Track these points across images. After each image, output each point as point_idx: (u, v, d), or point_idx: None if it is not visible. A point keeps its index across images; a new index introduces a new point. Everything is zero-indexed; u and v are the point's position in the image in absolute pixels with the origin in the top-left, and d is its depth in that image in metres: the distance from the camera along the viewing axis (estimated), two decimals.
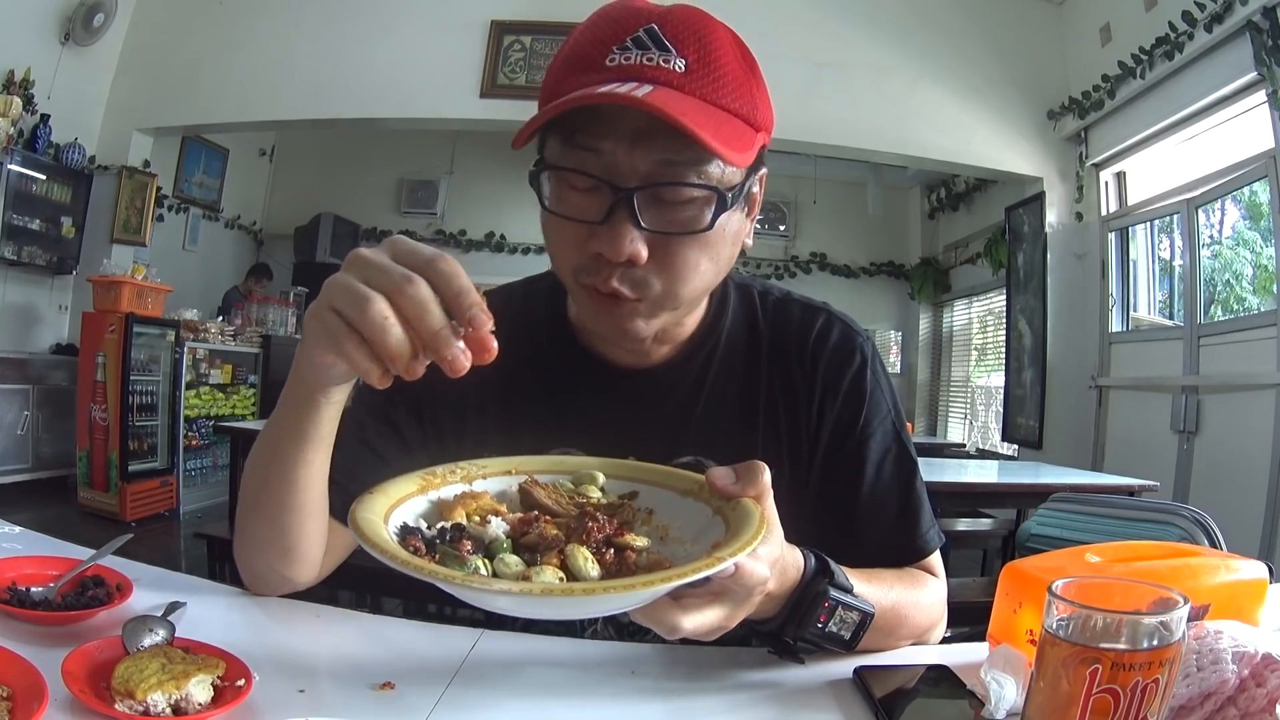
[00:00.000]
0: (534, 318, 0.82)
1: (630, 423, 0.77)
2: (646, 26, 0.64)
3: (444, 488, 0.60)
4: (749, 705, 0.64)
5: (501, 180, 7.33)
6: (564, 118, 0.63)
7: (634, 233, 0.64)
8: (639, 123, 0.62)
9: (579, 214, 0.66)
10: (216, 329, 5.26)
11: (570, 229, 0.67)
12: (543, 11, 4.92)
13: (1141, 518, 1.60)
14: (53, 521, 3.91)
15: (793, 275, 7.29)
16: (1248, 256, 4.15)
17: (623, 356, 0.79)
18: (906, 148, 4.98)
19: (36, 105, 4.68)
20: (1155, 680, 0.46)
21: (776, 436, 0.80)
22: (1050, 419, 4.90)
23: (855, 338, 0.82)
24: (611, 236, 0.64)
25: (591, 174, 0.64)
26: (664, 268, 0.66)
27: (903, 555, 0.81)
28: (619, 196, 0.63)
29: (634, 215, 0.64)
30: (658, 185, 0.64)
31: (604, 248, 0.64)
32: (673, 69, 0.63)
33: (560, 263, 0.70)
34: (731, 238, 0.70)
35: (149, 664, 0.55)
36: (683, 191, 0.64)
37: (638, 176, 0.64)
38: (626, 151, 0.63)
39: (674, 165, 0.63)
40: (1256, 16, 3.41)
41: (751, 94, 0.68)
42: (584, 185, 0.66)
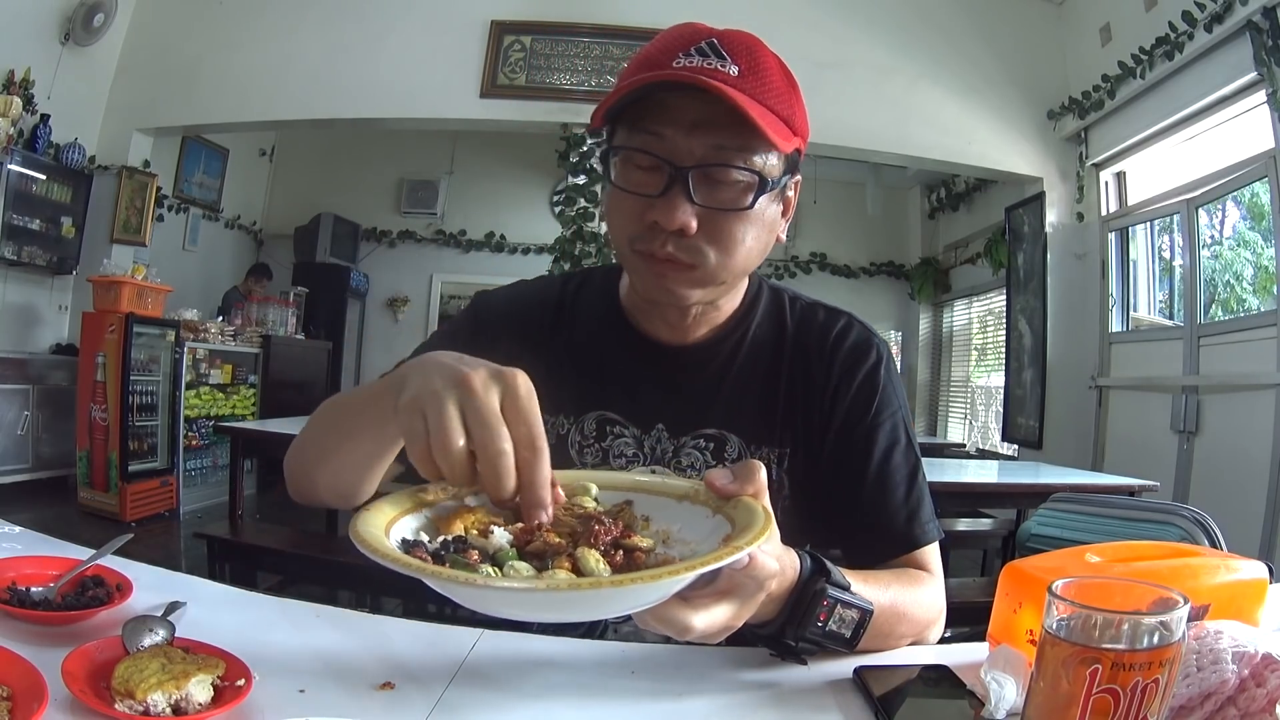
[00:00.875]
0: (592, 301, 0.93)
1: (664, 392, 0.87)
2: (708, 40, 0.76)
3: (438, 504, 0.61)
4: (749, 705, 0.64)
5: (501, 180, 7.34)
6: (632, 108, 0.75)
7: (687, 205, 0.74)
8: (697, 113, 0.73)
9: (640, 188, 0.76)
10: (216, 329, 5.26)
11: (631, 202, 0.77)
12: (543, 12, 4.92)
13: (1141, 518, 1.60)
14: (53, 521, 3.91)
15: (793, 275, 7.29)
16: (1248, 257, 4.15)
17: (663, 333, 0.88)
18: (906, 148, 4.99)
19: (36, 105, 4.68)
20: (1155, 680, 0.46)
21: (793, 419, 0.87)
22: (1050, 419, 4.90)
23: (872, 338, 0.91)
24: (668, 207, 0.74)
25: (654, 153, 0.75)
26: (712, 239, 0.76)
27: (903, 542, 0.85)
28: (676, 174, 0.74)
29: (688, 191, 0.74)
30: (710, 166, 0.74)
31: (660, 216, 0.74)
32: (728, 72, 0.74)
33: (619, 233, 0.80)
34: (768, 225, 0.80)
35: (149, 664, 0.55)
36: (730, 173, 0.75)
37: (693, 158, 0.74)
38: (685, 137, 0.74)
39: (724, 150, 0.74)
40: (1256, 16, 3.41)
41: (791, 103, 0.78)
42: (646, 164, 0.76)
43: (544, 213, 7.27)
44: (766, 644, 0.70)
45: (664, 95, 0.74)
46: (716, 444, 0.87)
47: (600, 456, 0.88)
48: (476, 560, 0.53)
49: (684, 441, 0.87)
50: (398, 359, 0.74)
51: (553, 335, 0.90)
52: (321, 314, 6.74)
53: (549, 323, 0.91)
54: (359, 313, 7.43)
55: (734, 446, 0.87)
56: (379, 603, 2.67)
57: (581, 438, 0.88)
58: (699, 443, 0.87)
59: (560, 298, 0.93)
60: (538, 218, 7.24)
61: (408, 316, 7.57)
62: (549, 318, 0.91)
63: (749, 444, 0.87)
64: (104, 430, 4.40)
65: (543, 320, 0.91)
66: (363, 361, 7.44)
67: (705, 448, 0.87)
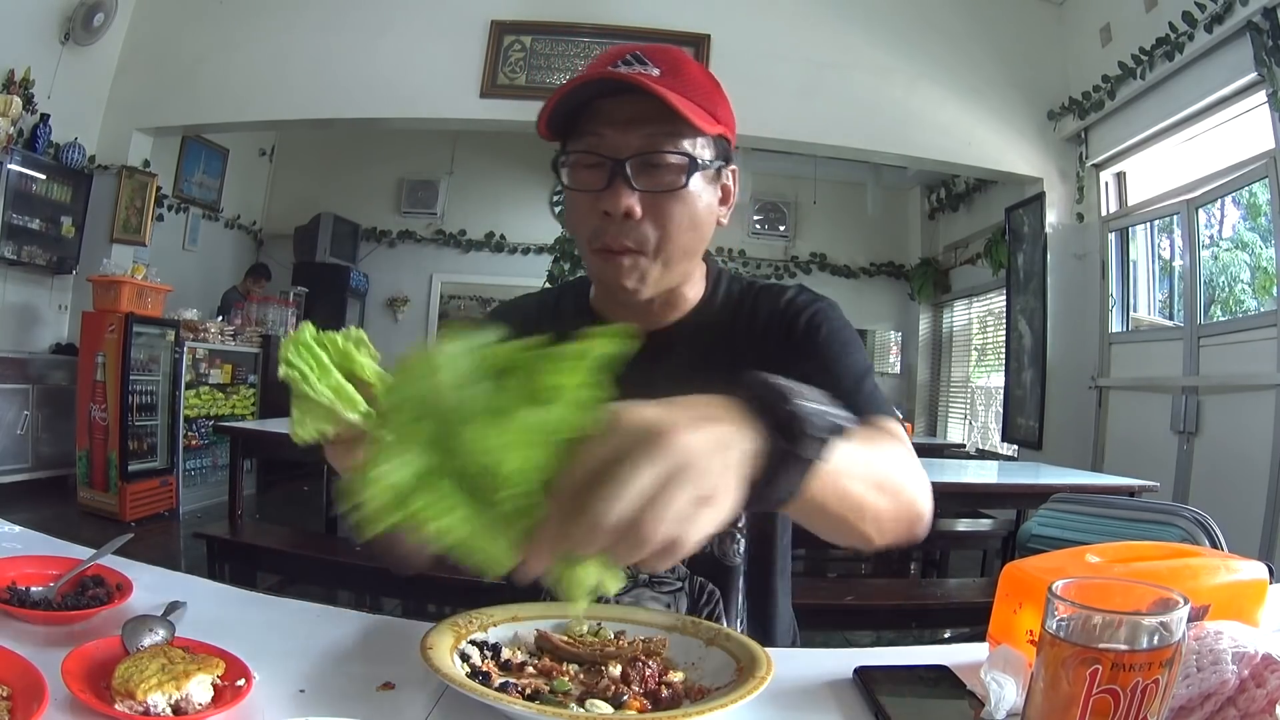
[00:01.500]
0: (569, 308, 1.02)
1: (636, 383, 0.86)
2: (634, 53, 0.86)
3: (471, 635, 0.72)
4: (749, 705, 0.64)
5: (501, 180, 7.33)
6: (573, 118, 0.85)
7: (629, 191, 0.82)
8: (629, 112, 0.82)
9: (588, 186, 0.85)
10: (216, 329, 5.26)
11: (583, 199, 0.86)
12: (543, 12, 4.92)
13: (1142, 518, 1.60)
14: (52, 521, 3.91)
15: (792, 275, 7.28)
16: (1247, 258, 4.16)
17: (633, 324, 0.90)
18: (906, 148, 4.98)
19: (36, 105, 4.68)
20: (1155, 681, 0.46)
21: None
22: (1050, 419, 4.89)
23: (820, 298, 0.96)
24: (612, 196, 0.82)
25: (596, 152, 0.84)
26: (656, 221, 0.84)
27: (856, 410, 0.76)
28: (616, 166, 0.82)
29: (628, 179, 0.82)
30: (644, 154, 0.83)
31: (607, 205, 0.82)
32: (648, 73, 0.83)
33: (580, 233, 0.88)
34: (705, 209, 0.88)
35: (149, 664, 0.55)
36: (664, 158, 0.83)
37: (629, 150, 0.82)
38: (621, 133, 0.82)
39: (656, 138, 0.82)
40: (1257, 17, 3.41)
41: (713, 97, 0.87)
42: (591, 163, 0.85)
43: (544, 213, 7.28)
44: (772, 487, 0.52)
45: (599, 101, 0.83)
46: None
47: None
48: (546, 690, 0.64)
49: None
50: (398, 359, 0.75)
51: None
52: (321, 314, 6.74)
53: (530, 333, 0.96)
54: (359, 313, 7.43)
55: None
56: (379, 603, 2.67)
57: None
58: None
59: (539, 313, 1.02)
60: (538, 218, 7.24)
61: (408, 316, 7.57)
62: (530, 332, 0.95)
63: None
64: (104, 430, 4.40)
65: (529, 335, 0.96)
66: None
67: None
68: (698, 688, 0.66)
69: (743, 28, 4.77)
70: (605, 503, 0.43)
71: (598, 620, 0.77)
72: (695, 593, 0.91)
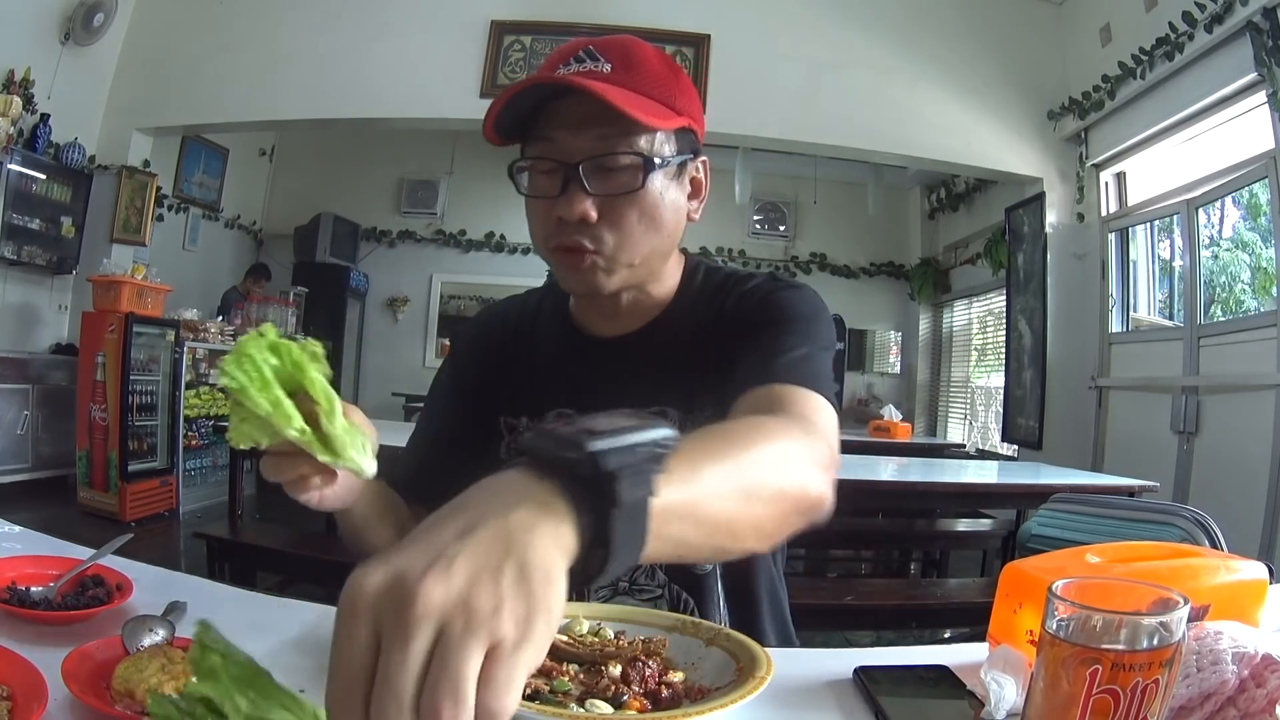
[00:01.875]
0: (549, 310, 1.00)
1: (608, 383, 0.91)
2: (586, 48, 0.82)
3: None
4: (749, 705, 0.63)
5: (501, 180, 7.09)
6: (527, 122, 0.82)
7: (583, 196, 0.80)
8: (579, 113, 0.78)
9: (544, 192, 0.83)
10: (216, 329, 5.25)
11: (540, 205, 0.84)
12: (542, 11, 4.92)
13: (1142, 518, 1.60)
14: (52, 521, 3.90)
15: (792, 275, 7.27)
16: (1247, 258, 4.16)
17: (606, 328, 0.94)
18: (906, 148, 4.98)
19: (36, 105, 4.68)
20: (1155, 681, 0.46)
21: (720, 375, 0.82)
22: (1050, 419, 4.89)
23: (789, 285, 0.91)
24: (566, 201, 0.80)
25: (549, 157, 0.81)
26: (612, 224, 0.81)
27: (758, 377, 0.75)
28: (570, 171, 0.80)
29: (582, 183, 0.80)
30: (596, 157, 0.79)
31: (562, 211, 0.80)
32: (599, 70, 0.80)
33: (537, 237, 0.86)
34: (670, 207, 0.84)
35: (149, 664, 0.55)
36: (617, 159, 0.80)
37: (581, 153, 0.79)
38: (572, 136, 0.80)
39: (608, 139, 0.79)
40: (1257, 17, 3.41)
41: (671, 87, 0.83)
42: (546, 168, 0.82)
43: None
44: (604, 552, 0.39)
45: (553, 103, 0.80)
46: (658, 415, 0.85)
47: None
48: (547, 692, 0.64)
49: None
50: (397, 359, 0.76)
51: (514, 350, 0.99)
52: (321, 314, 6.74)
53: (509, 339, 1.00)
54: (359, 313, 7.43)
55: (673, 418, 0.83)
56: None
57: None
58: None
59: (520, 315, 1.02)
60: None
61: (407, 316, 7.57)
62: (509, 335, 1.00)
63: (685, 413, 0.86)
64: (104, 430, 4.39)
65: (504, 339, 1.00)
66: (362, 362, 7.44)
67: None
68: (698, 688, 0.66)
69: (743, 28, 4.77)
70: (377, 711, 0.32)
71: (598, 620, 0.77)
72: (674, 600, 0.91)
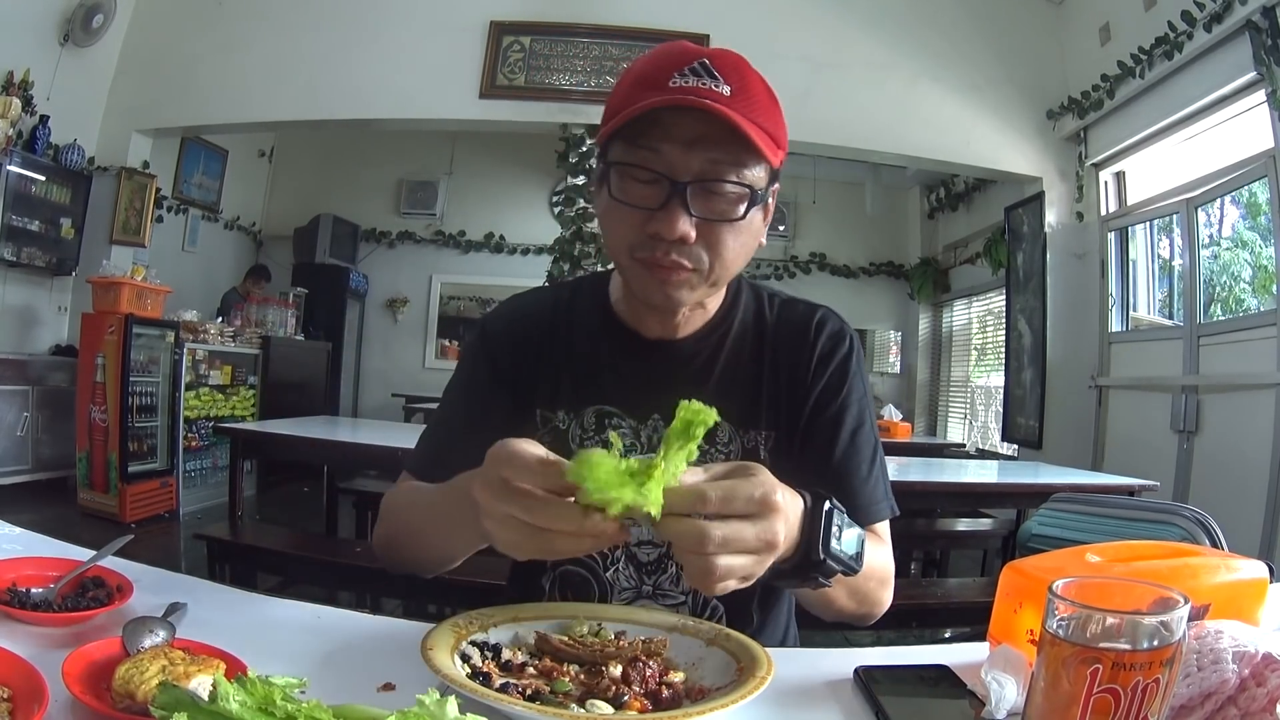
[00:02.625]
0: (585, 306, 1.00)
1: (657, 385, 0.92)
2: (700, 60, 0.80)
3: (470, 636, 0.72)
4: (749, 705, 0.63)
5: (501, 181, 7.34)
6: (629, 125, 0.79)
7: (685, 217, 0.79)
8: (693, 131, 0.78)
9: (639, 202, 0.81)
10: (216, 330, 5.25)
11: (631, 214, 0.82)
12: (542, 12, 4.92)
13: (1142, 518, 1.60)
14: (52, 523, 3.90)
15: (792, 275, 7.29)
16: (1247, 257, 4.16)
17: (654, 330, 0.94)
18: (906, 147, 4.99)
19: (36, 106, 4.68)
20: (1156, 680, 0.46)
21: (777, 403, 0.94)
22: (1050, 419, 4.90)
23: (846, 329, 0.98)
24: (668, 219, 0.79)
25: (653, 169, 0.79)
26: (708, 247, 0.82)
27: (864, 515, 0.90)
28: (675, 188, 0.79)
29: (685, 203, 0.79)
30: (706, 180, 0.79)
31: (662, 228, 0.79)
32: (721, 91, 0.78)
33: (619, 242, 0.85)
34: (754, 232, 0.86)
35: (149, 665, 0.55)
36: (724, 186, 0.80)
37: (690, 173, 0.79)
38: (682, 153, 0.78)
39: (719, 165, 0.79)
40: (1256, 16, 3.41)
41: (775, 119, 0.83)
42: (645, 178, 0.80)
43: (543, 213, 7.28)
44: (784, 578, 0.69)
45: (660, 113, 0.78)
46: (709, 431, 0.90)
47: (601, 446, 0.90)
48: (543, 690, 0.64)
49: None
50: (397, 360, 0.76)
51: (551, 343, 0.97)
52: (321, 315, 6.74)
53: (545, 332, 0.98)
54: (358, 313, 7.43)
55: (725, 432, 0.92)
56: (379, 603, 2.67)
57: (581, 431, 0.93)
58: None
59: (554, 308, 1.00)
60: (537, 218, 7.24)
61: (407, 317, 7.57)
62: (545, 328, 0.98)
63: (738, 429, 0.92)
64: (104, 431, 4.39)
65: (541, 331, 0.98)
66: (362, 362, 7.44)
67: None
68: (698, 688, 0.66)
69: (742, 27, 4.77)
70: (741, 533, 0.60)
71: (598, 620, 0.77)
72: (696, 607, 0.93)
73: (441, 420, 1.01)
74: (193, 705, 0.47)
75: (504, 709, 0.56)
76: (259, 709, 0.47)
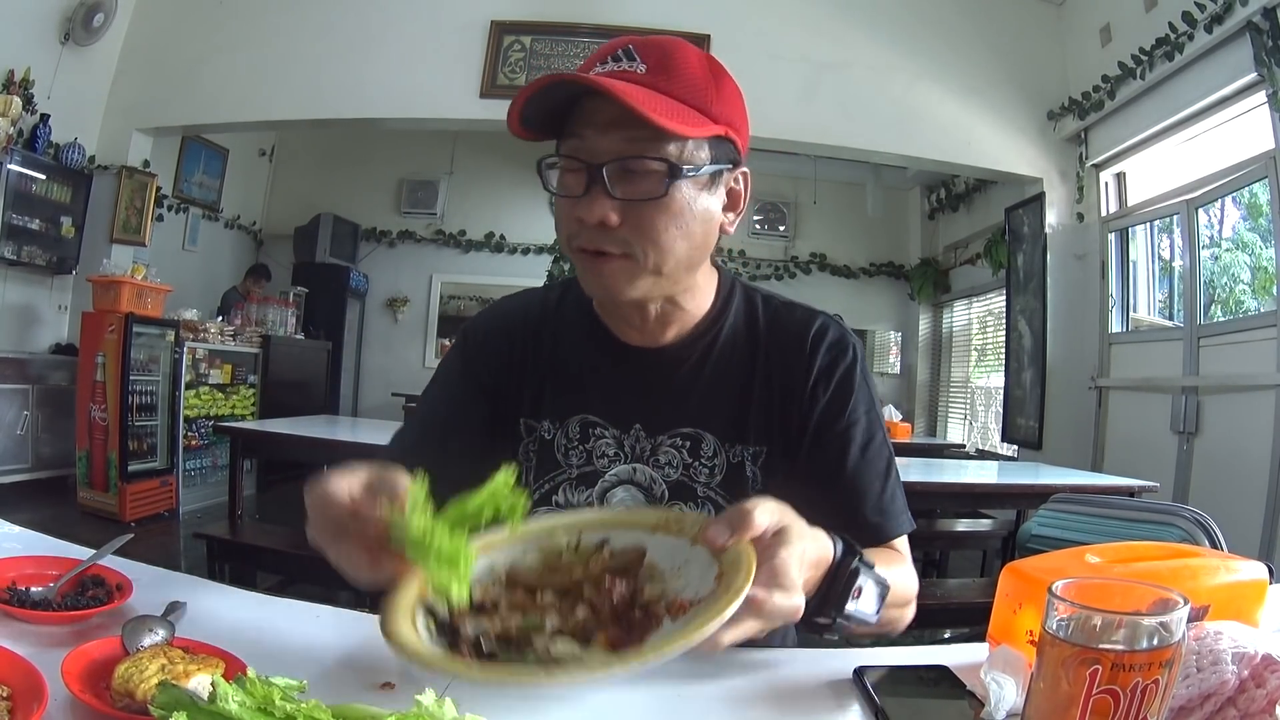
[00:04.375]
0: (571, 311, 0.96)
1: (640, 394, 0.91)
2: (624, 47, 0.80)
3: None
4: (749, 705, 0.64)
5: (501, 180, 7.33)
6: (563, 117, 0.81)
7: (605, 200, 0.77)
8: (608, 114, 0.76)
9: (569, 191, 0.81)
10: (216, 329, 5.25)
11: (565, 204, 0.81)
12: (543, 12, 4.92)
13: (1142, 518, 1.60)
14: (52, 521, 3.90)
15: (792, 276, 7.29)
16: (1247, 258, 4.15)
17: (635, 336, 0.91)
18: (906, 148, 4.98)
19: (36, 105, 4.68)
20: (1155, 681, 0.46)
21: (769, 417, 0.90)
22: (1050, 420, 4.89)
23: (847, 337, 0.93)
24: (588, 203, 0.78)
25: (575, 156, 0.79)
26: (636, 230, 0.79)
27: (881, 532, 0.88)
28: (593, 172, 0.78)
29: (605, 186, 0.77)
30: (622, 159, 0.77)
31: (582, 213, 0.78)
32: (634, 70, 0.78)
33: (562, 236, 0.84)
34: (701, 216, 0.81)
35: (149, 664, 0.55)
36: (643, 164, 0.77)
37: (607, 155, 0.78)
38: (600, 136, 0.78)
39: (636, 142, 0.77)
40: (1257, 17, 3.41)
41: (708, 92, 0.80)
42: (572, 167, 0.80)
43: (544, 213, 7.27)
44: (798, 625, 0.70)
45: (586, 100, 0.79)
46: (693, 442, 0.89)
47: (584, 457, 0.91)
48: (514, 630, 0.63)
49: (660, 440, 0.90)
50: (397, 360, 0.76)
51: (535, 349, 0.94)
52: (321, 314, 6.74)
53: (530, 338, 0.95)
54: (359, 313, 7.43)
55: (709, 445, 0.89)
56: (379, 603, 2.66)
57: (566, 440, 0.92)
58: (675, 441, 0.90)
59: (541, 313, 0.97)
60: (537, 218, 7.24)
61: (407, 317, 7.57)
62: (530, 334, 0.96)
63: (724, 442, 0.89)
64: (104, 430, 4.39)
65: (525, 337, 0.95)
66: (362, 362, 7.44)
67: (681, 445, 0.89)
68: (678, 602, 0.63)
69: (743, 28, 4.77)
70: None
71: (578, 531, 0.73)
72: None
73: (418, 417, 1.00)
74: (192, 705, 0.47)
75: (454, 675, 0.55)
76: (258, 709, 0.47)
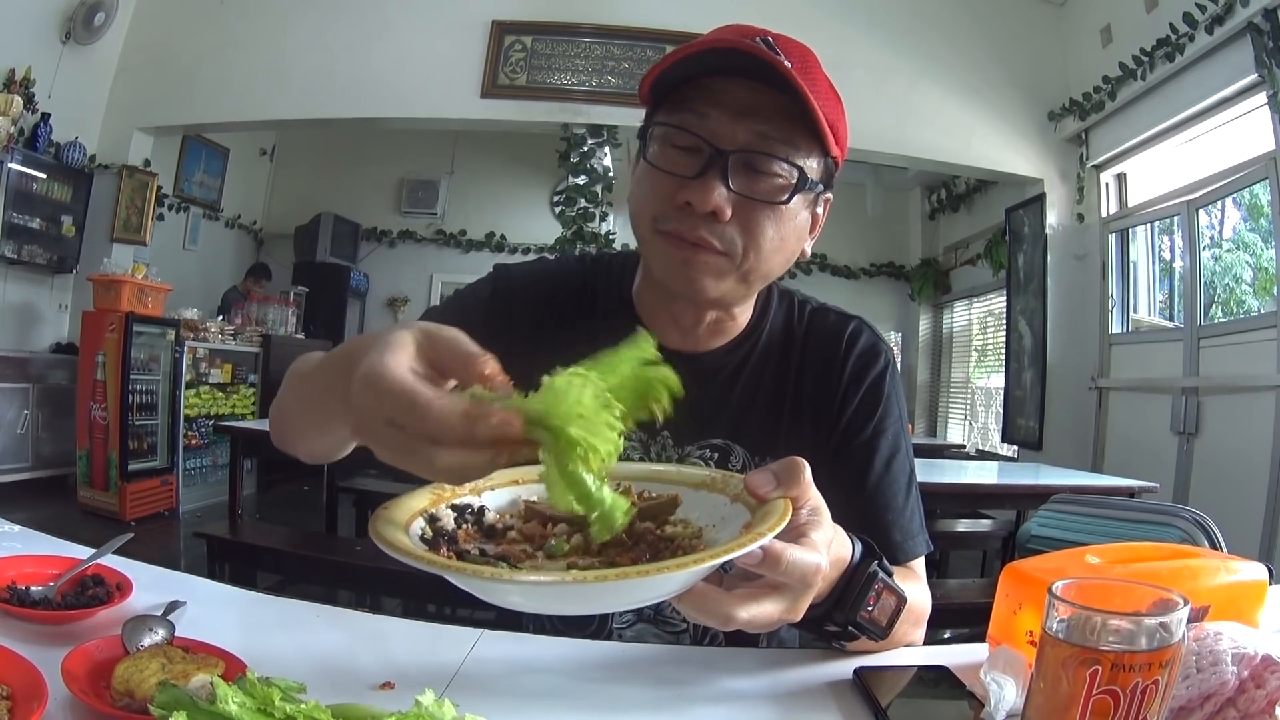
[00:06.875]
0: (598, 292, 0.89)
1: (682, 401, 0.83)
2: (763, 36, 0.74)
3: (455, 499, 0.61)
4: (749, 705, 0.64)
5: (502, 180, 7.33)
6: (678, 91, 0.73)
7: (722, 189, 0.71)
8: (745, 99, 0.71)
9: (675, 168, 0.73)
10: (216, 328, 5.26)
11: (664, 180, 0.74)
12: (543, 12, 4.92)
13: (1142, 519, 1.60)
14: (52, 520, 3.90)
15: (792, 276, 7.27)
16: (1247, 259, 4.15)
17: (674, 339, 0.84)
18: (906, 148, 4.98)
19: (37, 104, 4.68)
20: (1155, 681, 0.46)
21: (800, 426, 0.86)
22: (1050, 420, 4.89)
23: (880, 344, 0.90)
24: (703, 189, 0.71)
25: (696, 133, 0.72)
26: (744, 230, 0.73)
27: (899, 551, 0.84)
28: (716, 156, 0.71)
29: (724, 175, 0.71)
30: (751, 153, 0.72)
31: (694, 197, 0.71)
32: (781, 61, 0.71)
33: (644, 212, 0.76)
34: (798, 230, 0.77)
35: (149, 664, 0.55)
36: (771, 164, 0.72)
37: (736, 143, 0.71)
38: (730, 121, 0.71)
39: (769, 140, 0.72)
40: (1257, 18, 3.41)
41: (838, 111, 0.76)
42: (685, 143, 0.73)
43: (544, 213, 7.27)
44: (804, 627, 0.65)
45: (712, 80, 0.72)
46: (721, 454, 0.86)
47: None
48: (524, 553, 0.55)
49: (689, 450, 0.86)
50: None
51: (575, 320, 0.87)
52: (321, 314, 6.74)
53: (570, 306, 0.88)
54: (359, 312, 7.43)
55: (738, 457, 0.86)
56: (379, 603, 2.67)
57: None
58: (704, 452, 0.86)
59: (582, 282, 0.89)
60: (538, 218, 7.24)
61: (408, 316, 7.56)
62: (571, 301, 0.88)
63: (754, 455, 0.86)
64: (104, 429, 4.39)
65: (565, 303, 0.88)
66: None
67: (710, 457, 0.86)
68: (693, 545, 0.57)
69: None
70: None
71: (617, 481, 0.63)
72: (697, 634, 0.88)
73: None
74: (192, 704, 0.47)
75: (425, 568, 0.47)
76: (258, 710, 0.47)
